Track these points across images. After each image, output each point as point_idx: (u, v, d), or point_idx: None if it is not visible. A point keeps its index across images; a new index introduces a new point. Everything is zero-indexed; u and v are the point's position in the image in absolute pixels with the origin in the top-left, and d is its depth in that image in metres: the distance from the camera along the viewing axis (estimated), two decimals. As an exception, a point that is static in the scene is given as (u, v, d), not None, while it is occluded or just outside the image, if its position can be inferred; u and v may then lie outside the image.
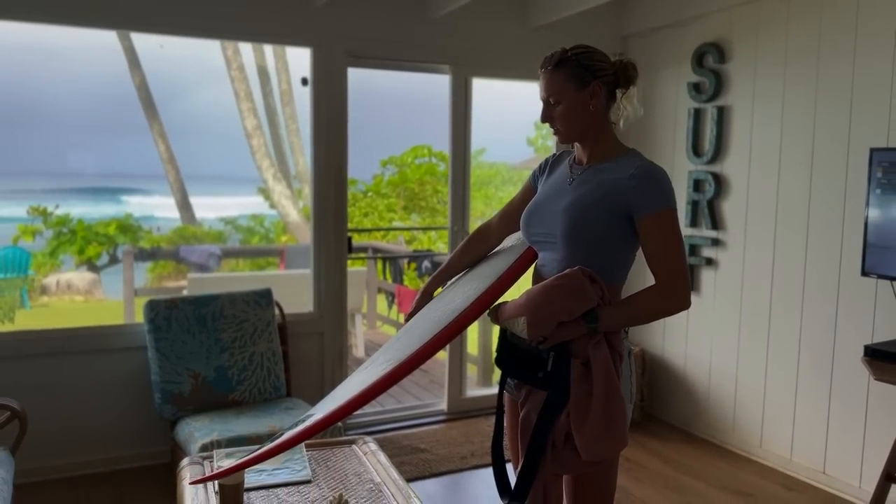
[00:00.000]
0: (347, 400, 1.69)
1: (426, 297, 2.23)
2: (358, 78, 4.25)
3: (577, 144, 1.95)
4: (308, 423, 1.79)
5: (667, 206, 1.79)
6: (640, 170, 1.81)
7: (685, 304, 1.79)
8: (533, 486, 1.83)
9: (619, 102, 1.93)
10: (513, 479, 1.95)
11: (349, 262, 6.88)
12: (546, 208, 1.93)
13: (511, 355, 1.91)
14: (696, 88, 4.19)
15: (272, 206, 11.56)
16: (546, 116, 1.90)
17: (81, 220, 10.61)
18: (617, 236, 1.83)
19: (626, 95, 1.93)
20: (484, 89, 4.74)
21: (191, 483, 1.89)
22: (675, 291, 1.77)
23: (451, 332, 1.75)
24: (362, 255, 7.51)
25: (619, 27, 4.66)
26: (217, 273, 7.35)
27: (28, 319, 8.88)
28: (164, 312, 3.48)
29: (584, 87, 1.85)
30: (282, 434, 1.97)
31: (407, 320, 2.22)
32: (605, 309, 1.78)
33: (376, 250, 8.06)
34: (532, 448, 1.80)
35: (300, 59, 4.06)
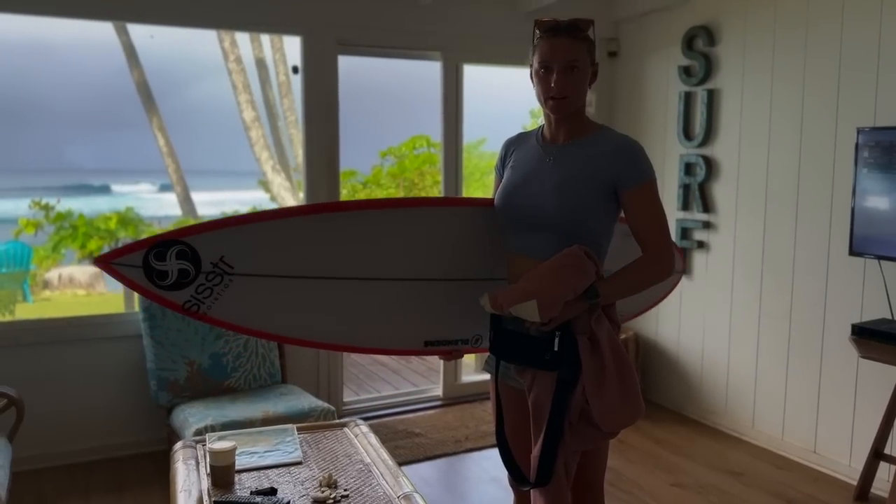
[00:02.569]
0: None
1: None
2: (355, 69, 4.27)
3: (552, 121, 1.94)
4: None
5: (651, 178, 1.86)
6: (621, 145, 1.86)
7: (672, 270, 1.88)
8: (556, 466, 1.84)
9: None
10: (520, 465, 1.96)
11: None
12: (528, 189, 1.92)
13: (510, 343, 1.90)
14: (686, 72, 4.19)
15: (272, 198, 11.58)
16: (564, 82, 1.84)
17: (82, 214, 10.66)
18: (603, 211, 1.88)
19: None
20: (482, 79, 4.75)
21: (92, 261, 1.84)
22: (664, 258, 1.86)
23: None
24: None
25: (610, 12, 4.66)
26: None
27: (30, 313, 8.94)
28: (158, 301, 3.51)
29: (593, 64, 1.90)
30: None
31: None
32: (602, 283, 1.83)
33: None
34: (552, 429, 1.81)
35: (298, 50, 4.07)
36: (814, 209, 3.57)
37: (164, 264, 1.79)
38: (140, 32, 10.08)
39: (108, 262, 1.77)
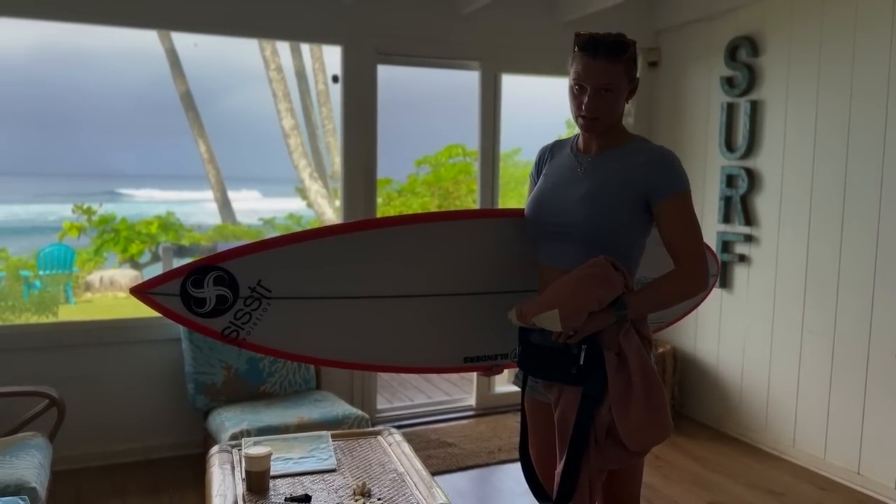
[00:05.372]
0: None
1: None
2: (393, 77, 4.29)
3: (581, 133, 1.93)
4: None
5: (684, 189, 1.81)
6: (654, 154, 1.83)
7: (707, 285, 1.82)
8: (578, 484, 1.80)
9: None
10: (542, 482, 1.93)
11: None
12: (557, 199, 1.90)
13: (537, 356, 1.87)
14: (728, 82, 4.13)
15: (309, 205, 11.70)
16: (595, 105, 1.79)
17: (124, 219, 10.88)
18: (634, 223, 1.84)
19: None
20: (518, 88, 4.74)
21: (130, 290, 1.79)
22: (697, 273, 1.80)
23: None
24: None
25: (651, 21, 4.62)
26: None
27: (72, 315, 9.13)
28: (197, 305, 3.55)
29: (632, 81, 1.85)
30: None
31: None
32: (631, 296, 1.78)
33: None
34: (574, 446, 1.78)
35: (337, 60, 4.11)
36: (860, 223, 3.48)
37: (202, 291, 1.77)
38: (184, 41, 10.30)
39: (144, 292, 1.74)
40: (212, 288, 1.76)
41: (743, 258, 4.11)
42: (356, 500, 2.19)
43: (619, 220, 1.82)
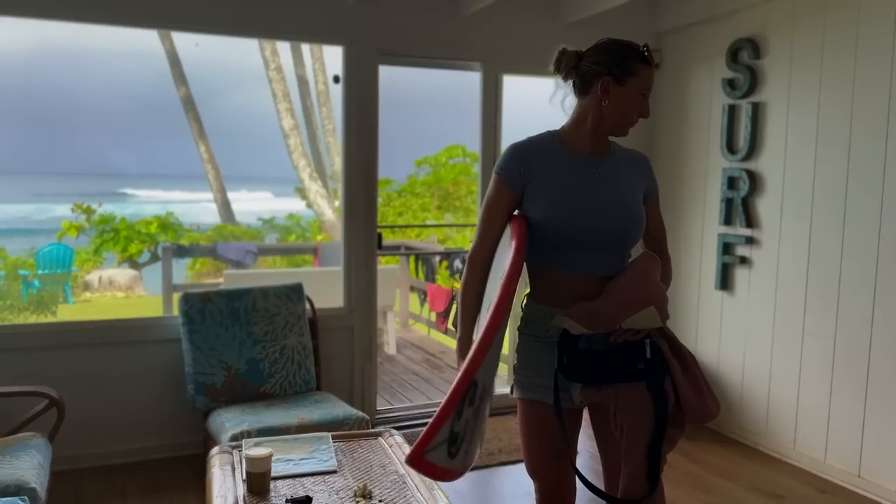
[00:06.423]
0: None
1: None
2: (394, 78, 4.29)
3: (598, 135, 1.95)
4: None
5: (658, 187, 2.09)
6: (642, 157, 2.07)
7: None
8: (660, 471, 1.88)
9: None
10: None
11: (382, 259, 6.94)
12: (592, 205, 1.90)
13: (589, 362, 1.86)
14: (730, 84, 4.13)
15: (308, 205, 11.70)
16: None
17: (124, 218, 10.87)
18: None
19: None
20: (519, 89, 4.73)
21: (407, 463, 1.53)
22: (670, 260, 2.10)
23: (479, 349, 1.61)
24: (394, 252, 7.55)
25: (652, 23, 4.61)
26: (253, 270, 7.46)
27: (70, 314, 9.13)
28: (198, 305, 3.55)
29: None
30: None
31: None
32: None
33: (409, 248, 8.08)
34: (658, 436, 1.84)
35: (338, 60, 4.10)
36: (862, 225, 3.48)
37: (460, 422, 1.50)
38: (184, 42, 10.30)
39: (421, 457, 1.47)
40: (467, 409, 1.50)
41: (744, 260, 4.11)
42: (357, 502, 2.18)
43: (644, 219, 1.99)
